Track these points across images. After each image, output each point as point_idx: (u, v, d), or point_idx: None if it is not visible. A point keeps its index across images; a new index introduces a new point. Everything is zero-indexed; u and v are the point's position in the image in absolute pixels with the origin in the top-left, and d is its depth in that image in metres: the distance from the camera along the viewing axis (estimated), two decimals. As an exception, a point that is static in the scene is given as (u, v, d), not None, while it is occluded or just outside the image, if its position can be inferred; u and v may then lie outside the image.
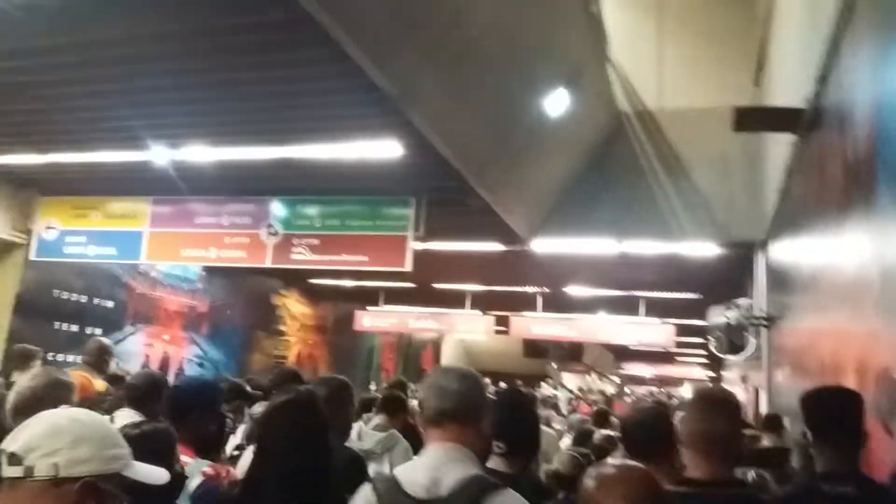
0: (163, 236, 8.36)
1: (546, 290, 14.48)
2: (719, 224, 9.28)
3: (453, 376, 1.88)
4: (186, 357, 12.29)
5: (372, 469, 3.32)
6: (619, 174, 9.82)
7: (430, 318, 15.30)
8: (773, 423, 5.85)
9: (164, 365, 11.58)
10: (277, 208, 8.15)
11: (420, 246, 10.30)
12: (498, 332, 15.98)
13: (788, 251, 6.80)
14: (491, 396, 2.28)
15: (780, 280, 7.40)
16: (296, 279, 15.00)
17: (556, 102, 7.62)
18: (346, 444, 3.04)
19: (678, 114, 9.80)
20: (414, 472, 1.77)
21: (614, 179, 9.78)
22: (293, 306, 15.61)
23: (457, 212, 8.93)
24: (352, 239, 7.81)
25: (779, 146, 6.83)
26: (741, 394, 14.24)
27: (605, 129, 9.83)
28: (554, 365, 28.30)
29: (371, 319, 15.50)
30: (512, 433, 2.42)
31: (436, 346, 24.49)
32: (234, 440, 4.16)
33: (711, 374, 28.96)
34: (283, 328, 15.25)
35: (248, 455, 2.56)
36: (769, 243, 8.39)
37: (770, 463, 4.07)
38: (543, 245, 10.21)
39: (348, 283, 14.78)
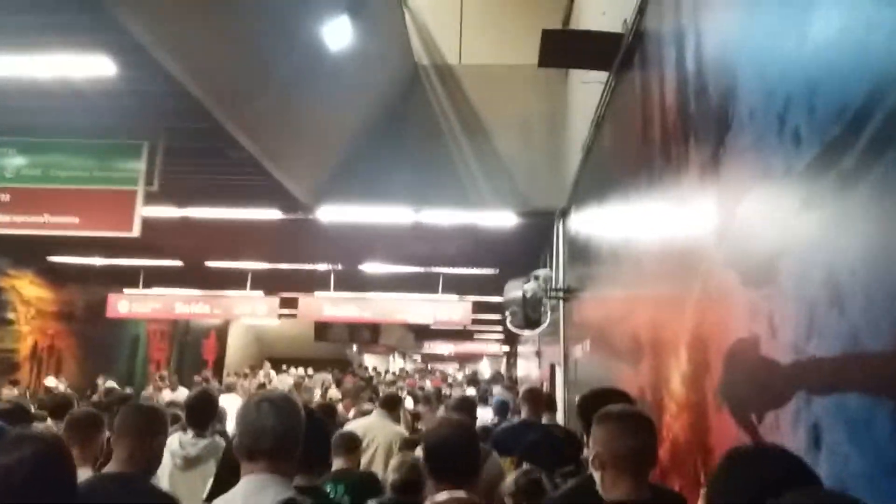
0: None
1: (338, 267, 13.12)
2: (520, 192, 8.55)
3: (268, 411, 1.84)
4: None
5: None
6: (415, 135, 8.71)
7: (203, 302, 13.27)
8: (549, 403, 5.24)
9: None
10: (-51, 151, 5.86)
11: (167, 210, 8.42)
12: (284, 315, 14.33)
13: (590, 219, 6.11)
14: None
15: (580, 250, 6.75)
16: (30, 256, 12.12)
17: (338, 33, 6.24)
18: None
19: (480, 71, 8.90)
20: (233, 502, 1.80)
21: (410, 140, 8.66)
22: (26, 289, 12.64)
23: (215, 166, 7.23)
24: (59, 194, 5.80)
25: (585, 105, 6.09)
26: (534, 370, 14.12)
27: (400, 81, 8.63)
28: (354, 348, 27.17)
29: (129, 304, 13.06)
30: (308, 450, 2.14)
31: (220, 333, 22.09)
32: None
33: (507, 349, 29.69)
34: (11, 316, 12.26)
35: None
36: (570, 212, 7.76)
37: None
38: (330, 213, 8.82)
39: (98, 260, 12.24)
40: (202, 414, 3.88)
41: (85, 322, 14.21)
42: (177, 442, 3.72)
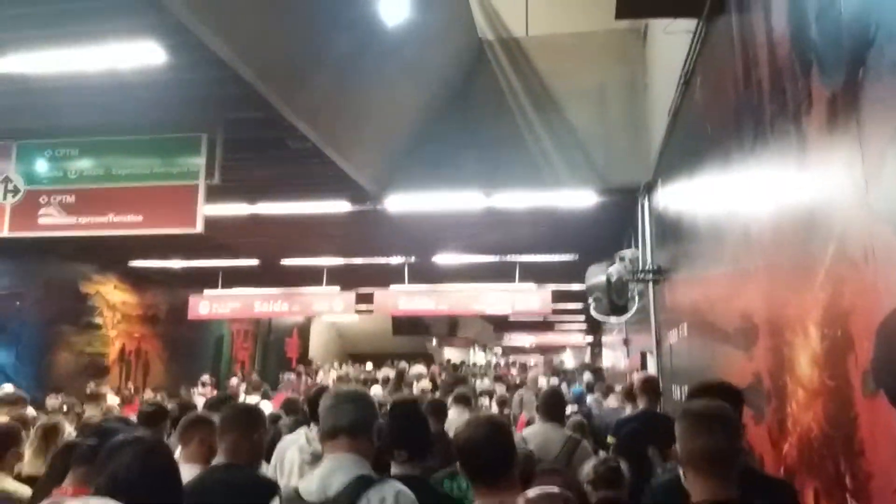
0: None
1: (412, 259, 12.82)
2: (598, 169, 7.95)
3: (345, 398, 2.18)
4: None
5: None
6: (483, 114, 8.25)
7: (281, 300, 13.26)
8: (648, 386, 4.70)
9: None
10: (17, 156, 5.85)
11: (236, 207, 8.30)
12: (361, 311, 14.17)
13: (682, 190, 5.48)
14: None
15: (671, 227, 6.12)
16: (113, 262, 12.43)
17: (394, 7, 5.86)
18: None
19: (548, 41, 8.34)
20: (310, 482, 2.06)
21: (478, 121, 8.20)
22: (111, 294, 12.99)
23: (277, 158, 7.01)
24: (122, 193, 5.69)
25: (669, 62, 5.47)
26: (621, 359, 13.41)
27: (463, 58, 8.18)
28: (434, 341, 27.02)
29: (210, 305, 13.21)
30: (409, 441, 2.55)
31: (302, 331, 22.34)
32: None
33: (590, 339, 28.78)
34: (97, 321, 12.62)
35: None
36: (656, 186, 7.11)
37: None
38: (398, 202, 8.49)
39: (177, 263, 12.43)
40: None
41: (169, 324, 14.52)
42: (304, 437, 3.63)
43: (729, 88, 3.69)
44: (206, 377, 11.87)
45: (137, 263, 12.49)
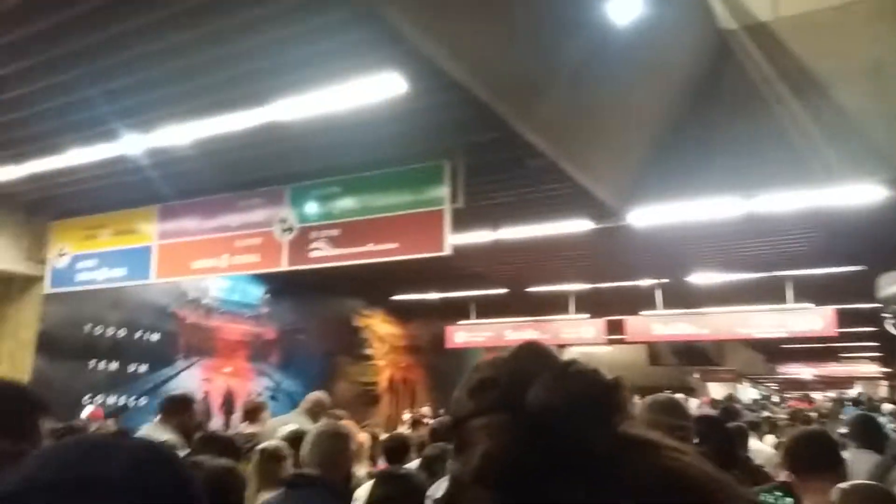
0: (171, 249, 7.09)
1: (664, 280, 12.08)
2: (882, 155, 6.75)
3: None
4: (255, 390, 11.07)
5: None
6: (731, 111, 7.52)
7: (531, 328, 13.33)
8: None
9: (229, 400, 10.42)
10: (290, 197, 6.66)
11: (479, 235, 8.49)
12: (612, 340, 13.68)
13: None
14: None
15: None
16: (377, 297, 13.61)
17: (625, 4, 5.62)
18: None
19: (803, 21, 7.37)
20: None
21: (726, 118, 7.50)
22: (379, 327, 14.18)
23: (514, 179, 7.07)
24: (376, 223, 6.14)
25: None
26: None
27: (704, 53, 7.57)
28: (696, 375, 25.13)
29: (465, 335, 13.75)
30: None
31: (554, 361, 22.23)
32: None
33: (887, 369, 24.50)
34: (369, 352, 13.82)
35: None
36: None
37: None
38: (643, 216, 8.03)
39: (433, 295, 13.19)
40: None
41: (430, 354, 15.40)
42: None
43: None
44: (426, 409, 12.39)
45: (399, 297, 13.49)
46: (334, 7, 4.27)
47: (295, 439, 3.48)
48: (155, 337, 9.42)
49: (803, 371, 30.12)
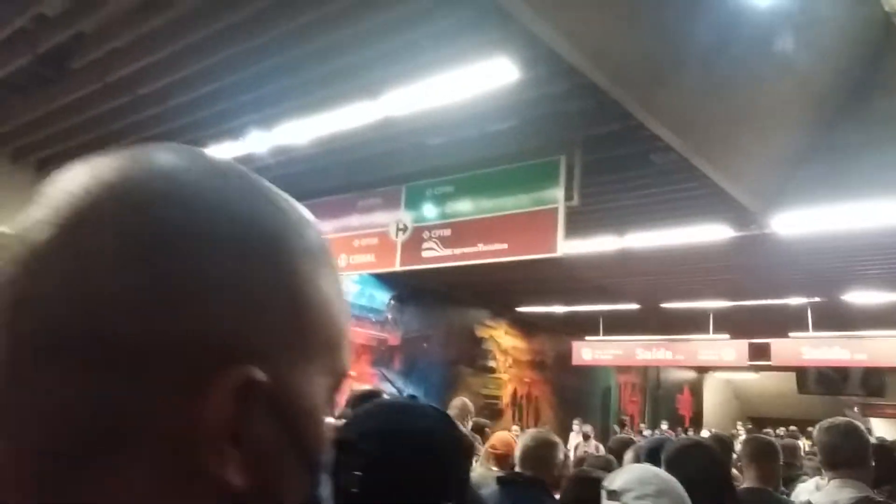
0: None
1: (815, 299, 10.87)
2: None
3: (835, 433, 2.70)
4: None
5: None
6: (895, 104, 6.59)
7: (663, 347, 12.51)
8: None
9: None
10: (405, 196, 6.62)
11: (605, 242, 8.01)
12: (757, 366, 12.51)
13: None
14: None
15: None
16: (501, 308, 13.38)
17: (763, -18, 5.07)
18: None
19: None
20: (820, 497, 2.69)
21: (889, 112, 6.57)
22: (503, 339, 13.91)
23: (640, 178, 6.60)
24: (487, 223, 5.93)
25: None
26: None
27: (865, 40, 6.72)
28: (854, 408, 22.51)
29: (592, 352, 13.16)
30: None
31: (694, 387, 20.85)
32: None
33: None
34: (491, 364, 13.59)
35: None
36: None
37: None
38: (790, 222, 7.22)
39: (558, 308, 12.75)
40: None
41: (556, 370, 14.90)
42: (813, 484, 3.85)
43: None
44: (588, 427, 11.76)
45: (524, 309, 13.17)
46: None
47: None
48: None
49: None
